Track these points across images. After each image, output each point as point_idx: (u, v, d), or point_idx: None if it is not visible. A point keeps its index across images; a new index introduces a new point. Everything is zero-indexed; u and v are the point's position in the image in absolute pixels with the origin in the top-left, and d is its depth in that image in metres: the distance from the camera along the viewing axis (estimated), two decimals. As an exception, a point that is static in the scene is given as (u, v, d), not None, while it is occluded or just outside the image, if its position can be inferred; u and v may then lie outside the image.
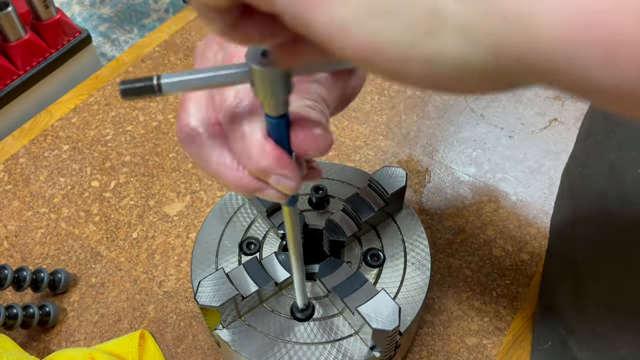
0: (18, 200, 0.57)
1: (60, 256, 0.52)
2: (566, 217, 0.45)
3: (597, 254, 0.39)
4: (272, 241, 0.43)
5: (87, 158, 0.61)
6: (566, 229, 0.44)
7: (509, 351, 0.45)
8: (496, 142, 0.60)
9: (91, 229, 0.54)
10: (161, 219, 0.55)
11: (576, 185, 0.43)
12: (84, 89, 0.68)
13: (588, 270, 0.40)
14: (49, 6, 0.67)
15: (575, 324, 0.41)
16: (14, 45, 0.65)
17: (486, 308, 0.47)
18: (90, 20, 0.89)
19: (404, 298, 0.39)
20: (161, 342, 0.46)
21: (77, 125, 0.64)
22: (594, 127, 0.43)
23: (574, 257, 0.42)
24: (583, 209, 0.41)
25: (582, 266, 0.40)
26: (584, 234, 0.41)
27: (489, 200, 0.55)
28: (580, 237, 0.41)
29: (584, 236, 0.41)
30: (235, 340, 0.37)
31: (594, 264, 0.39)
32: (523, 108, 0.64)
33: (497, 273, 0.50)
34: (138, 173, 0.59)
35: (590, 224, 0.40)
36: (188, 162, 0.59)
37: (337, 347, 0.37)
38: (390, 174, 0.42)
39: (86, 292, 0.50)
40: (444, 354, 0.45)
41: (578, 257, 0.41)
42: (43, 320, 0.46)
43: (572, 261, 0.42)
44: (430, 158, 0.59)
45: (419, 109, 0.64)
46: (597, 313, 0.38)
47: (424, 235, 0.43)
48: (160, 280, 0.50)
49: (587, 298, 0.39)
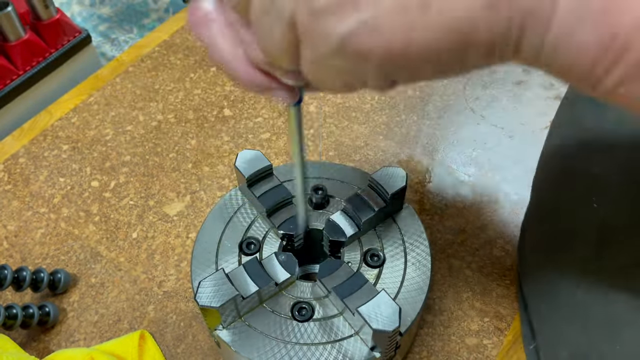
0: (18, 200, 0.57)
1: (60, 256, 0.52)
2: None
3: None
4: (272, 241, 0.43)
5: (87, 158, 0.61)
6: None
7: (509, 351, 0.45)
8: (496, 142, 0.60)
9: (91, 229, 0.54)
10: (161, 219, 0.55)
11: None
12: (84, 89, 0.68)
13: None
14: (49, 6, 0.67)
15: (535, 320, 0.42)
16: (13, 45, 0.65)
17: (486, 308, 0.47)
18: (90, 20, 0.89)
19: (404, 298, 0.39)
20: (161, 342, 0.46)
21: (77, 125, 0.64)
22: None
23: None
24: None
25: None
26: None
27: (489, 200, 0.55)
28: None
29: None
30: (235, 340, 0.37)
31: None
32: (523, 108, 0.64)
33: (498, 273, 0.50)
34: (138, 173, 0.59)
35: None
36: (188, 162, 0.59)
37: (337, 348, 0.37)
38: (390, 174, 0.42)
39: (86, 292, 0.50)
40: (444, 354, 0.45)
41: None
42: (43, 321, 0.46)
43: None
44: (430, 158, 0.59)
45: (419, 109, 0.64)
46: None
47: (424, 236, 0.43)
48: (160, 280, 0.50)
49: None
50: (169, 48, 0.73)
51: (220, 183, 0.57)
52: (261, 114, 0.64)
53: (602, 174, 0.36)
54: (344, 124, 0.63)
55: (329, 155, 0.59)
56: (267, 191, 0.43)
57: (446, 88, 0.66)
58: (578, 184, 0.38)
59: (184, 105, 0.65)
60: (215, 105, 0.65)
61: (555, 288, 0.39)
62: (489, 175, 0.57)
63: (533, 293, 0.43)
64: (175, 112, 0.65)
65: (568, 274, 0.38)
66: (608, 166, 0.35)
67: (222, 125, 0.63)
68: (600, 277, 0.35)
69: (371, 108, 0.64)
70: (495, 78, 0.67)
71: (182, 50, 0.72)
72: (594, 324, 0.35)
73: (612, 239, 0.34)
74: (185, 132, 0.62)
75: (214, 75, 0.69)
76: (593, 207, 0.36)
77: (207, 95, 0.67)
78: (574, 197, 0.38)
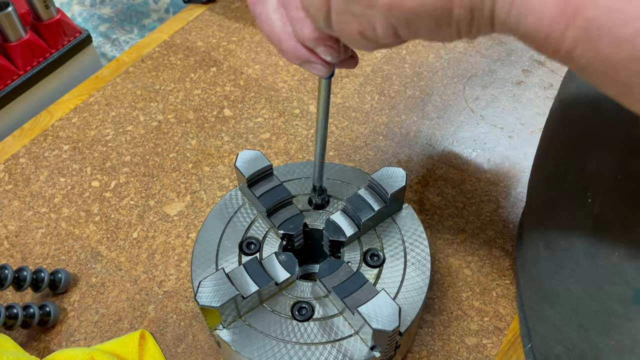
0: (18, 200, 0.57)
1: (61, 256, 0.52)
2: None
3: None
4: (272, 241, 0.43)
5: (87, 158, 0.61)
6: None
7: (508, 351, 0.45)
8: (496, 142, 0.60)
9: (91, 229, 0.54)
10: (161, 219, 0.55)
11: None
12: (84, 89, 0.68)
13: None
14: (49, 6, 0.67)
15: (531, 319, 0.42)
16: (14, 45, 0.65)
17: (486, 308, 0.48)
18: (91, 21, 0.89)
19: (404, 298, 0.39)
20: (161, 342, 0.46)
21: (77, 125, 0.64)
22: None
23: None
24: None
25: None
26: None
27: (488, 200, 0.55)
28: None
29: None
30: (236, 340, 0.37)
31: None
32: (523, 108, 0.64)
33: (497, 273, 0.50)
34: (138, 173, 0.59)
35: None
36: (188, 162, 0.60)
37: (337, 347, 0.37)
38: (390, 174, 0.42)
39: (86, 292, 0.50)
40: (444, 354, 0.45)
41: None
42: (43, 320, 0.46)
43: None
44: (430, 158, 0.59)
45: (419, 109, 0.64)
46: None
47: (424, 235, 0.43)
48: (160, 280, 0.50)
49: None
50: (169, 48, 0.73)
51: (220, 183, 0.58)
52: (261, 114, 0.64)
53: (596, 170, 0.36)
54: (344, 124, 0.63)
55: (329, 155, 0.59)
56: (267, 191, 0.43)
57: (446, 88, 0.66)
58: (572, 180, 0.39)
59: (184, 105, 0.66)
60: (215, 105, 0.65)
61: (551, 284, 0.39)
62: (489, 175, 0.57)
63: (529, 290, 0.43)
64: (175, 112, 0.65)
65: (563, 269, 0.38)
66: (601, 161, 0.36)
67: (222, 126, 0.63)
68: (593, 271, 0.35)
69: (371, 108, 0.64)
70: (495, 78, 0.67)
71: (182, 50, 0.73)
72: (589, 319, 0.35)
73: (606, 234, 0.35)
74: (185, 132, 0.62)
75: (214, 76, 0.69)
76: (587, 202, 0.36)
77: (207, 95, 0.67)
78: (569, 193, 0.39)
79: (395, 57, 0.70)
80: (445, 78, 0.67)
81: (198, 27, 0.76)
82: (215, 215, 0.44)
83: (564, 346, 0.38)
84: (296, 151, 0.60)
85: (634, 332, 0.32)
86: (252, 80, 0.68)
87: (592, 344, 0.35)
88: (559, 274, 0.38)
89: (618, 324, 0.33)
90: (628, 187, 0.34)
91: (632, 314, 0.32)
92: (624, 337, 0.33)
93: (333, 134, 0.62)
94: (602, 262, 0.34)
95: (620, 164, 0.34)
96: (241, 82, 0.68)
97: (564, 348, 0.38)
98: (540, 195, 0.44)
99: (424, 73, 0.68)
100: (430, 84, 0.67)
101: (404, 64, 0.69)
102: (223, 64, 0.70)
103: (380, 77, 0.68)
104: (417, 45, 0.72)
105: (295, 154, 0.60)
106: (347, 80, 0.68)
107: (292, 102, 0.65)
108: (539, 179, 0.45)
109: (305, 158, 0.59)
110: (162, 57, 0.72)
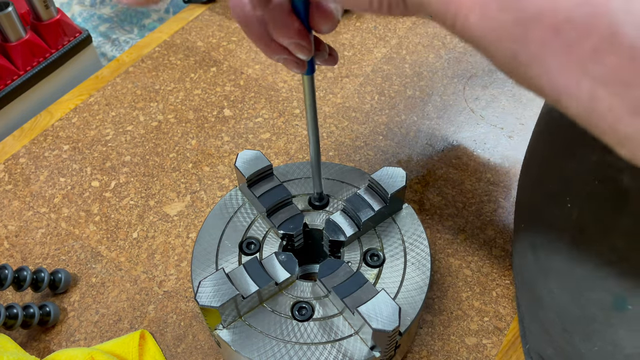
0: (18, 200, 0.57)
1: (61, 256, 0.52)
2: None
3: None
4: (272, 241, 0.43)
5: (87, 158, 0.61)
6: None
7: (508, 351, 0.45)
8: (496, 142, 0.60)
9: (91, 229, 0.54)
10: (161, 219, 0.55)
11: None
12: (84, 89, 0.68)
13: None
14: (49, 6, 0.67)
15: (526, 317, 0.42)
16: (14, 45, 0.65)
17: (486, 308, 0.48)
18: (91, 21, 0.89)
19: (404, 298, 0.39)
20: (161, 342, 0.46)
21: (77, 125, 0.64)
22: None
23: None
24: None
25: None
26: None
27: (488, 200, 0.55)
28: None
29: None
30: (236, 340, 0.37)
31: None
32: (523, 108, 0.64)
33: (497, 273, 0.50)
34: (138, 173, 0.59)
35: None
36: (188, 162, 0.60)
37: (337, 347, 0.37)
38: (390, 174, 0.42)
39: (86, 292, 0.50)
40: (444, 353, 0.45)
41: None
42: (43, 320, 0.46)
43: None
44: (430, 158, 0.59)
45: (419, 109, 0.64)
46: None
47: (424, 235, 0.43)
48: (160, 280, 0.50)
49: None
50: (169, 48, 0.73)
51: (220, 183, 0.57)
52: (261, 114, 0.64)
53: (575, 174, 0.36)
54: (344, 124, 0.63)
55: (329, 155, 0.59)
56: (267, 191, 0.43)
57: (446, 88, 0.66)
58: (553, 185, 0.39)
59: (184, 105, 0.66)
60: (215, 105, 0.65)
61: (537, 287, 0.39)
62: (488, 175, 0.57)
63: (523, 291, 0.43)
64: (175, 112, 0.65)
65: (547, 274, 0.38)
66: (580, 165, 0.36)
67: (222, 126, 0.63)
68: (574, 277, 0.35)
69: (371, 108, 0.64)
70: (495, 78, 0.67)
71: (182, 50, 0.73)
72: (573, 324, 0.35)
73: (585, 240, 0.35)
74: (185, 132, 0.62)
75: (214, 76, 0.69)
76: (567, 207, 0.36)
77: (207, 95, 0.67)
78: (550, 198, 0.39)
79: (395, 57, 0.70)
80: (445, 78, 0.67)
81: (198, 27, 0.76)
82: (215, 215, 0.44)
83: (554, 348, 0.38)
84: (296, 151, 0.60)
85: (616, 338, 0.32)
86: (252, 80, 0.68)
87: (576, 348, 0.35)
88: (544, 279, 0.38)
89: (600, 330, 0.33)
90: (605, 191, 0.34)
91: (613, 320, 0.32)
92: (606, 344, 0.33)
93: (333, 134, 0.62)
94: (583, 268, 0.34)
95: (598, 166, 0.34)
96: (241, 82, 0.68)
97: (554, 350, 0.38)
98: (527, 199, 0.44)
99: (424, 73, 0.68)
100: (430, 84, 0.67)
101: (404, 64, 0.69)
102: (223, 64, 0.70)
103: (380, 77, 0.68)
104: (417, 45, 0.72)
105: (295, 154, 0.60)
106: (347, 80, 0.68)
107: (292, 102, 0.65)
108: (526, 183, 0.45)
109: (305, 158, 0.59)
110: (162, 57, 0.72)
